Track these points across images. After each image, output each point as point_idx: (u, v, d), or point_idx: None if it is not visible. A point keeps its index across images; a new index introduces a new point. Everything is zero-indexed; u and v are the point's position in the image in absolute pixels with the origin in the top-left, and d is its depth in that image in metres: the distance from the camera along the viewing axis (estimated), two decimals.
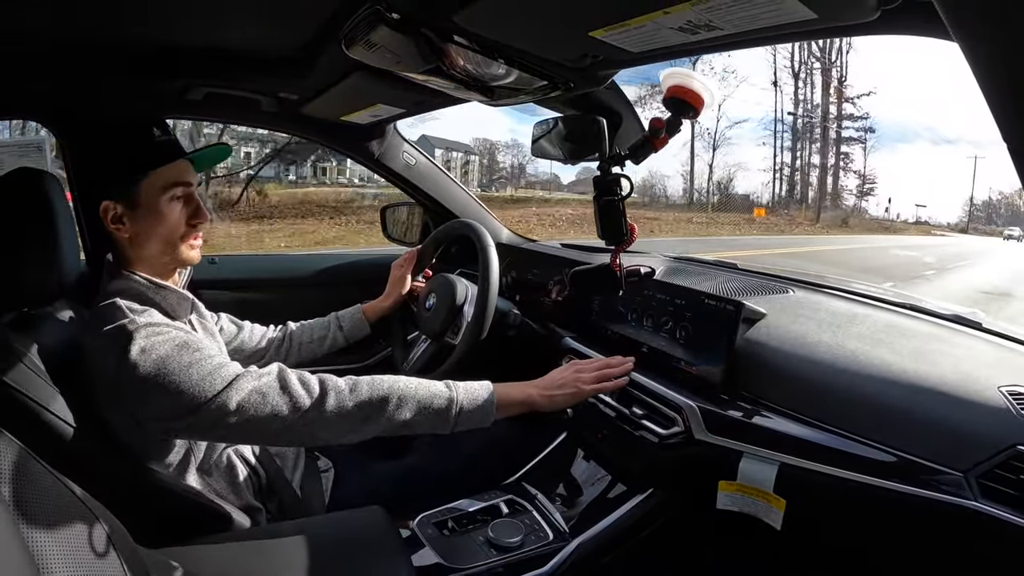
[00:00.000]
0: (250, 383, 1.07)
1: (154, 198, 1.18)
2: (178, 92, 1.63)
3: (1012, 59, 0.50)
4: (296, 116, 1.89)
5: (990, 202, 60.02)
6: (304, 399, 1.08)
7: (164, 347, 1.05)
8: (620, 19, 0.91)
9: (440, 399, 1.17)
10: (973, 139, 56.58)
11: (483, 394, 1.21)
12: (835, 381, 1.12)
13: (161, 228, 1.19)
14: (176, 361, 1.04)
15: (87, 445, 1.05)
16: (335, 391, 1.11)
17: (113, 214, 1.16)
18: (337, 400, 1.10)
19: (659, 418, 1.29)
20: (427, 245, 1.88)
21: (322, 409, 1.09)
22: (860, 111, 37.48)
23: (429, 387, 1.18)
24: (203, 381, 1.04)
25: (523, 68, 1.19)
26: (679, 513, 1.38)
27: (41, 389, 1.02)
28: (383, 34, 1.05)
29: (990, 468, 0.90)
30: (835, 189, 37.81)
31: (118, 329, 1.07)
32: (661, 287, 1.46)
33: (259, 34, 1.33)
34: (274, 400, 1.07)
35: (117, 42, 1.33)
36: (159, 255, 1.21)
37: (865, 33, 0.84)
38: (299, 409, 1.07)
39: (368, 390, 1.13)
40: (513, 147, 38.21)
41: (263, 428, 1.07)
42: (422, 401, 1.16)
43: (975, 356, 1.08)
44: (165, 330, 1.09)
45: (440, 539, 1.30)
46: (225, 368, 1.08)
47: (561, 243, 2.27)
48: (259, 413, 1.05)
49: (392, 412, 1.13)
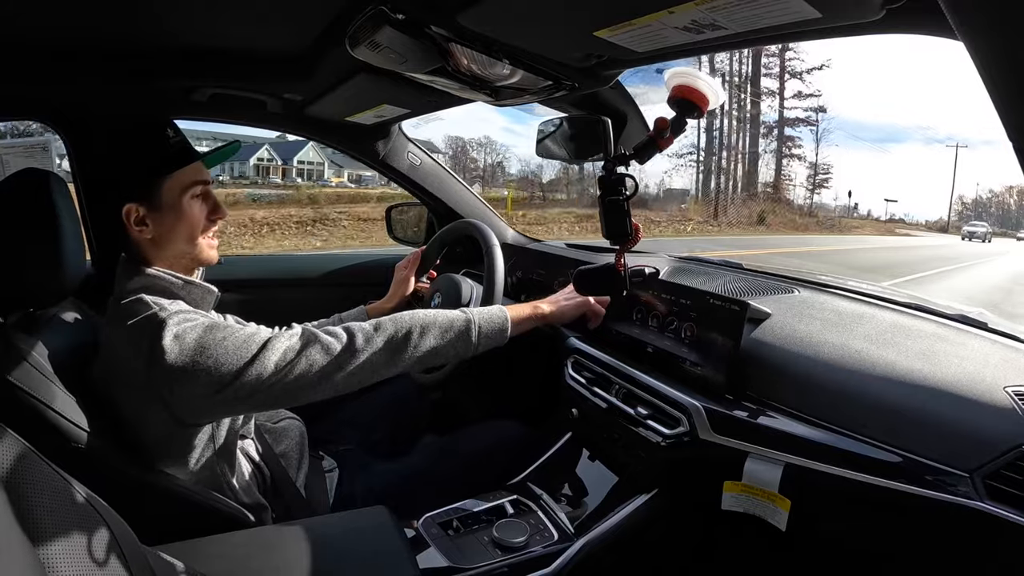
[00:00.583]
0: (283, 343, 1.12)
1: (176, 198, 1.20)
2: (184, 93, 1.63)
3: (1017, 57, 0.50)
4: (301, 117, 1.90)
5: (979, 200, 59.55)
6: (335, 345, 1.15)
7: (196, 331, 1.09)
8: (625, 19, 0.91)
9: (460, 322, 1.27)
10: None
11: (497, 313, 1.32)
12: (841, 381, 1.12)
13: (184, 227, 1.21)
14: (210, 338, 1.09)
15: (93, 445, 1.06)
16: (362, 332, 1.18)
17: (136, 216, 1.18)
18: (365, 339, 1.17)
19: (664, 418, 1.29)
20: (431, 246, 1.88)
21: (354, 350, 1.15)
22: (809, 88, 35.01)
23: (447, 314, 1.27)
24: (239, 349, 1.09)
25: (528, 68, 1.19)
26: (684, 514, 1.38)
27: (46, 389, 1.03)
28: (388, 35, 1.05)
29: (996, 469, 0.89)
30: (778, 181, 34.73)
31: (147, 320, 1.09)
32: (666, 287, 1.46)
33: (264, 35, 1.33)
34: (308, 352, 1.13)
35: (123, 44, 1.34)
36: (180, 255, 1.23)
37: (870, 32, 0.84)
38: (332, 353, 1.14)
39: (392, 325, 1.21)
40: (487, 145, 37.81)
41: (302, 382, 1.12)
42: (443, 326, 1.24)
43: (981, 356, 1.08)
44: (194, 317, 1.13)
45: (445, 539, 1.30)
46: (257, 335, 1.13)
47: (566, 243, 2.27)
48: (296, 368, 1.11)
49: (418, 340, 1.21)
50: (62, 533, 0.59)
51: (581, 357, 1.60)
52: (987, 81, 0.52)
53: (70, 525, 0.60)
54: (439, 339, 1.23)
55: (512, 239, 2.37)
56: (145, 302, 1.12)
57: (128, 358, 1.09)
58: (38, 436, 0.71)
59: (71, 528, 0.60)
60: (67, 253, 1.13)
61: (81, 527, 0.62)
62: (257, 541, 1.09)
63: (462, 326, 1.26)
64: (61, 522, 0.59)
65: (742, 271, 1.69)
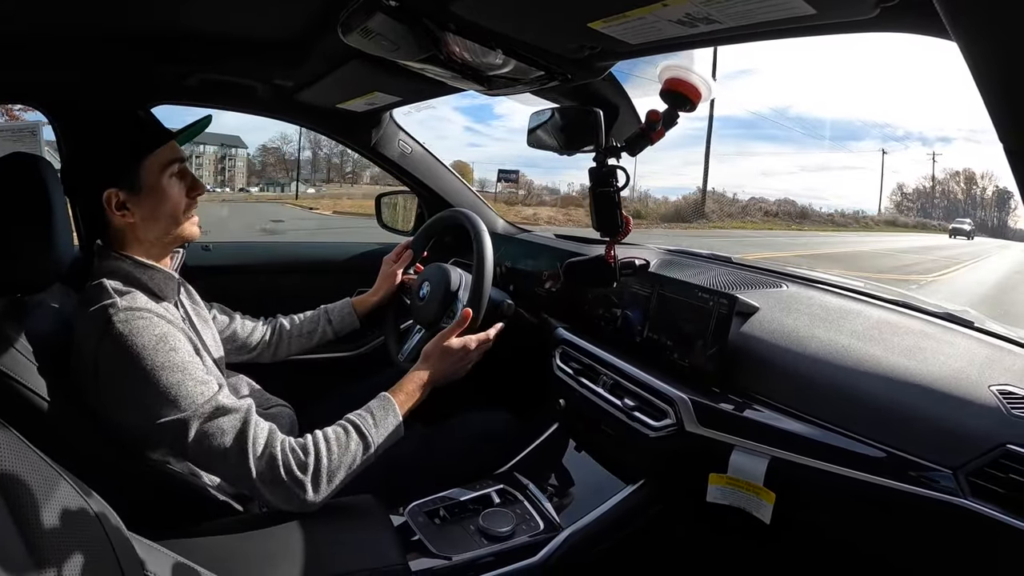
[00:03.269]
0: (217, 421, 1.06)
1: (156, 179, 1.18)
2: (174, 79, 1.62)
3: (1011, 59, 0.50)
4: (292, 103, 1.89)
5: (921, 190, 60.04)
6: (250, 459, 1.06)
7: (142, 336, 1.05)
8: (619, 11, 0.91)
9: (361, 451, 1.16)
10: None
11: (392, 421, 1.23)
12: (827, 376, 1.13)
13: (166, 206, 1.20)
14: (150, 359, 1.04)
15: (79, 431, 1.05)
16: (282, 451, 1.08)
17: (117, 201, 1.16)
18: (271, 468, 1.07)
19: (651, 410, 1.30)
20: (418, 238, 1.87)
21: (259, 475, 1.06)
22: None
23: (350, 448, 1.14)
24: (173, 401, 1.04)
25: (520, 58, 1.19)
26: (669, 505, 1.39)
27: (33, 375, 1.02)
28: (380, 21, 1.04)
29: (980, 467, 0.90)
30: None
31: (99, 311, 1.07)
32: (655, 279, 1.46)
33: (255, 20, 1.32)
34: (227, 444, 1.05)
35: (113, 28, 1.33)
36: (163, 235, 1.22)
37: (864, 31, 0.84)
38: (245, 464, 1.05)
39: (308, 457, 1.10)
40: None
41: (211, 466, 1.11)
42: (352, 464, 1.15)
43: (967, 355, 1.08)
44: (146, 315, 1.08)
45: (431, 528, 1.30)
46: (203, 386, 1.07)
47: (555, 234, 2.27)
48: (209, 453, 1.05)
49: (329, 474, 1.11)
50: (48, 519, 0.58)
51: (569, 348, 1.61)
52: (979, 82, 0.52)
53: (57, 511, 0.60)
54: (347, 473, 1.13)
55: (502, 229, 2.37)
56: (104, 289, 1.10)
57: (81, 346, 1.08)
58: (24, 421, 0.71)
59: (58, 514, 0.60)
60: (56, 238, 1.12)
61: (67, 513, 0.61)
62: (244, 529, 1.08)
63: (367, 455, 1.17)
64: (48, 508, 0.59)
65: (731, 265, 1.69)
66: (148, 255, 1.21)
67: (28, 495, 0.58)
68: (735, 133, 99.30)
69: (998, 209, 69.54)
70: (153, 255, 1.22)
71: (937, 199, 62.39)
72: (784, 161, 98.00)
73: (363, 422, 1.18)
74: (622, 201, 1.26)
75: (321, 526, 1.10)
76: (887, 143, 68.96)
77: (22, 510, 0.56)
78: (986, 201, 70.07)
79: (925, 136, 69.58)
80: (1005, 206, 68.91)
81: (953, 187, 65.67)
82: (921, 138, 70.70)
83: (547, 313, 1.82)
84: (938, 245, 29.92)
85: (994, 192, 69.67)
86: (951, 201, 63.33)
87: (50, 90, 1.57)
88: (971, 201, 67.89)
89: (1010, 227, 67.83)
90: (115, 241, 1.20)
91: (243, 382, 1.52)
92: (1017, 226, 66.48)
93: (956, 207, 60.64)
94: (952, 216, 56.73)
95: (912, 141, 57.49)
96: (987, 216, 68.33)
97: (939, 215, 57.94)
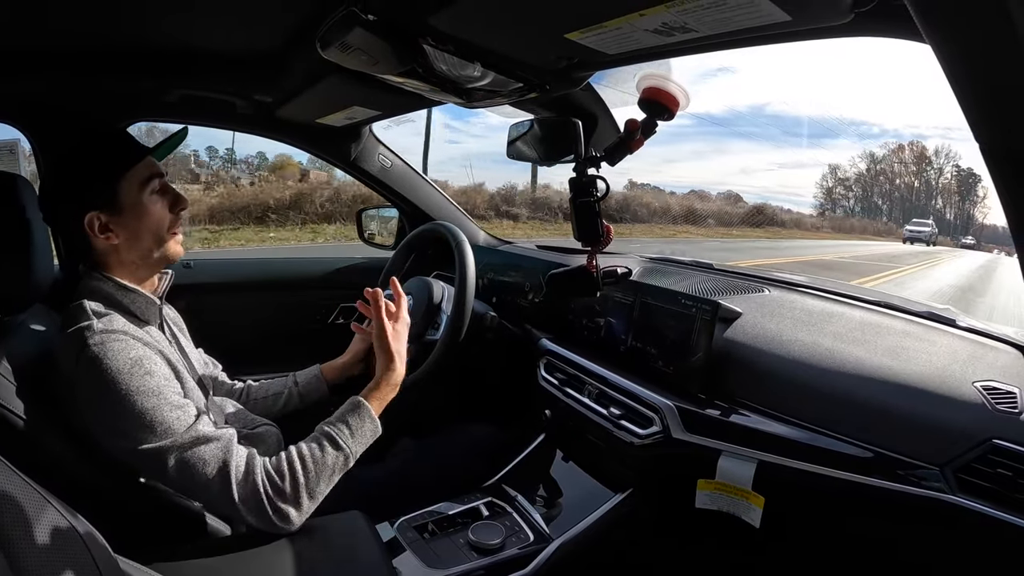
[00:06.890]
0: (191, 444, 1.04)
1: (136, 197, 1.15)
2: (153, 94, 1.61)
3: (983, 61, 0.51)
4: (271, 119, 1.88)
5: (861, 176, 57.16)
6: (232, 487, 1.04)
7: (116, 359, 1.03)
8: (595, 21, 0.91)
9: (340, 463, 1.15)
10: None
11: (369, 425, 1.21)
12: (812, 379, 1.13)
13: (150, 224, 1.17)
14: (124, 383, 1.02)
15: (61, 452, 1.04)
16: (262, 477, 1.07)
17: (99, 224, 1.13)
18: (251, 486, 1.06)
19: (637, 418, 1.30)
20: (399, 251, 1.87)
21: (241, 501, 1.05)
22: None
23: (327, 463, 1.13)
24: (145, 417, 1.02)
25: (499, 70, 1.19)
26: (658, 512, 1.39)
27: (13, 397, 1.01)
28: (359, 36, 1.04)
29: (967, 462, 0.91)
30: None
31: (76, 332, 1.05)
32: (638, 288, 1.47)
33: (234, 35, 1.32)
34: (209, 474, 1.04)
35: (93, 43, 1.32)
36: (147, 254, 1.19)
37: (839, 35, 0.85)
38: (227, 492, 1.04)
39: (285, 481, 1.09)
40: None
41: (193, 493, 1.08)
42: (331, 476, 1.14)
43: (949, 352, 1.10)
44: (122, 338, 1.06)
45: (420, 542, 1.29)
46: (180, 412, 1.06)
47: (537, 244, 2.27)
48: (191, 481, 1.04)
49: (310, 491, 1.10)
50: (34, 541, 0.57)
51: (553, 358, 1.61)
52: (953, 84, 0.53)
53: (41, 533, 0.59)
54: (327, 480, 1.13)
55: (483, 241, 2.36)
56: (83, 310, 1.08)
57: (65, 366, 1.06)
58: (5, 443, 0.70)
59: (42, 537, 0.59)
60: (35, 258, 1.10)
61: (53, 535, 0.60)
62: (232, 548, 1.07)
63: (342, 462, 1.15)
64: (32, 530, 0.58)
65: (712, 271, 1.70)
66: (132, 277, 1.18)
67: (13, 517, 0.57)
68: (713, 131, 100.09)
69: (961, 197, 64.01)
70: (138, 277, 1.19)
71: (885, 186, 58.64)
72: (760, 159, 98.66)
73: (338, 433, 1.16)
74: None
75: (310, 543, 1.08)
76: (863, 141, 68.62)
77: (7, 532, 0.56)
78: (944, 186, 64.24)
79: (900, 133, 70.30)
80: (971, 193, 63.43)
81: (898, 168, 60.62)
82: (896, 135, 71.31)
83: (531, 324, 1.82)
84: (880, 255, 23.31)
85: (954, 174, 63.86)
86: (900, 189, 58.74)
87: (26, 107, 1.56)
88: (925, 187, 63.11)
89: (977, 220, 63.66)
90: (99, 263, 1.18)
91: (228, 402, 1.50)
92: (987, 221, 63.38)
93: (915, 199, 57.18)
94: (908, 212, 53.71)
95: (888, 139, 57.50)
96: (948, 203, 63.39)
97: (894, 208, 54.55)
